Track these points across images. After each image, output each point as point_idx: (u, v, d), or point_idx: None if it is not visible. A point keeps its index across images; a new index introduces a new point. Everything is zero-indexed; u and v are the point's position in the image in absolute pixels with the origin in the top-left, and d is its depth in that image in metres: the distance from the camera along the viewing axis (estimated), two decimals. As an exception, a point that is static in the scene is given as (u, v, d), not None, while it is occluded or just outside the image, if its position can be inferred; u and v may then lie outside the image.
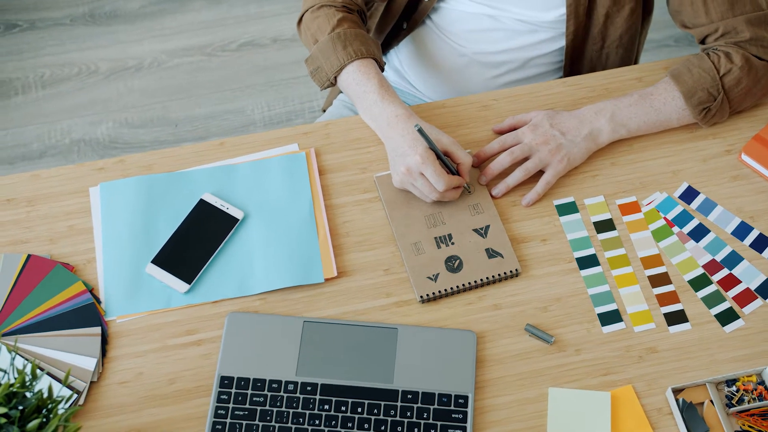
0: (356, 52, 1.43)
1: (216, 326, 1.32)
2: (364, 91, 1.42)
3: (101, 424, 1.25)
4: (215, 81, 2.63)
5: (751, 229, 1.38)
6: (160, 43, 2.70)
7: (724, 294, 1.33)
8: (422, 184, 1.35)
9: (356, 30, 1.45)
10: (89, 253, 1.37)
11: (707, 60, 1.44)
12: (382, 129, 1.41)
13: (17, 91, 2.61)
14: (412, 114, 1.39)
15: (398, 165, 1.36)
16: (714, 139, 1.47)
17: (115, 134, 2.53)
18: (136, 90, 2.61)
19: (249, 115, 2.57)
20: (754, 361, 1.28)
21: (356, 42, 1.44)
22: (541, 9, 1.52)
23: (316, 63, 1.47)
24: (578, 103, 1.50)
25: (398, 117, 1.38)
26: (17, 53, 2.68)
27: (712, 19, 1.45)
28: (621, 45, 1.59)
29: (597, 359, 1.29)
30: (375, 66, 1.44)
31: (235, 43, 2.70)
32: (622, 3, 1.51)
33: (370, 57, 1.44)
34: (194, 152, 1.47)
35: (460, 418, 1.24)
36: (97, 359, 1.28)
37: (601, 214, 1.40)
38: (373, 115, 1.42)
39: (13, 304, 1.32)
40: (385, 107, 1.40)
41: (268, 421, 1.24)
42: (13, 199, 1.42)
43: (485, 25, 1.56)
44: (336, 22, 1.46)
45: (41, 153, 2.50)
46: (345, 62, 1.43)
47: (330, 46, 1.44)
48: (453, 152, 1.37)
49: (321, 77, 1.47)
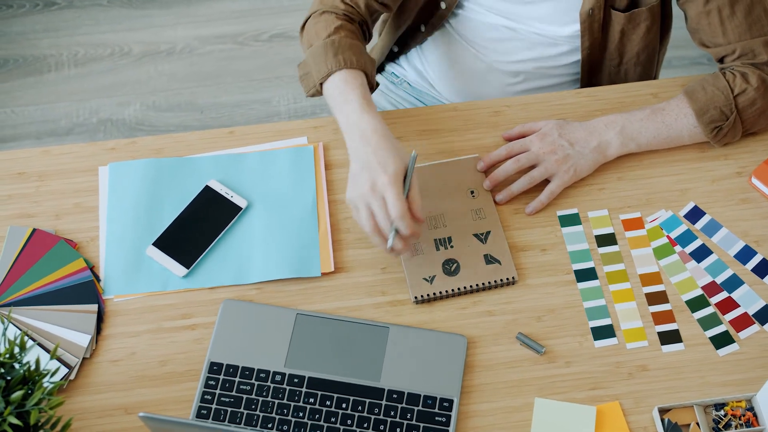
0: (346, 61, 1.36)
1: (211, 312, 1.33)
2: (345, 101, 1.34)
3: (90, 400, 1.27)
4: (244, 70, 2.65)
5: (755, 254, 1.36)
6: (194, 30, 2.72)
7: (721, 317, 1.32)
8: (379, 207, 1.25)
9: (351, 41, 1.40)
10: (93, 231, 1.39)
11: (722, 79, 1.42)
12: (354, 141, 1.31)
13: (50, 67, 2.65)
14: (389, 133, 1.31)
15: (362, 179, 1.27)
16: (725, 160, 1.45)
17: (142, 116, 2.56)
18: (166, 74, 2.64)
19: (275, 106, 2.59)
20: (745, 387, 1.26)
21: (348, 51, 1.37)
22: (558, 24, 1.51)
23: (306, 68, 1.41)
24: (591, 114, 1.49)
25: (375, 132, 1.29)
26: (54, 30, 2.73)
27: (730, 40, 1.44)
28: (639, 63, 1.58)
29: (586, 373, 1.28)
30: (362, 78, 1.37)
31: (267, 34, 2.72)
32: (637, 21, 1.50)
33: (360, 69, 1.37)
34: (204, 139, 1.48)
35: (443, 421, 1.24)
36: (91, 336, 1.30)
37: (603, 228, 1.39)
38: (349, 124, 1.32)
39: (15, 275, 1.34)
40: (362, 119, 1.31)
41: (252, 409, 1.25)
42: (25, 173, 1.44)
43: (504, 35, 1.56)
44: (333, 29, 1.41)
45: (68, 130, 2.53)
46: (333, 69, 1.36)
47: (321, 52, 1.38)
48: (414, 186, 1.28)
49: (308, 83, 1.41)
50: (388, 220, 1.25)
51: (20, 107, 2.58)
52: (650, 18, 1.50)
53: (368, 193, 1.25)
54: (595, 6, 1.46)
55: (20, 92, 2.60)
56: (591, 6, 1.46)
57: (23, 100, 2.59)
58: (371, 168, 1.26)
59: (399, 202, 1.23)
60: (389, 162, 1.26)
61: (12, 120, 2.56)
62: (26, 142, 2.51)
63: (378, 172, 1.25)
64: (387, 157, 1.26)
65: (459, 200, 1.40)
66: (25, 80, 2.63)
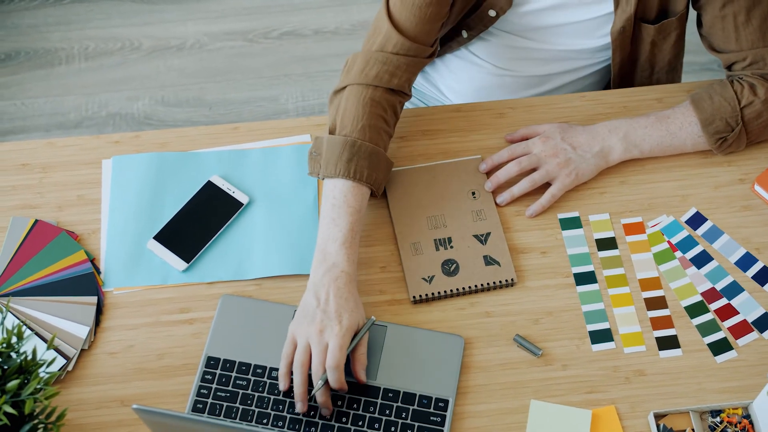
0: (357, 172, 1.31)
1: (209, 307, 1.34)
2: (333, 220, 1.29)
3: (87, 392, 1.27)
4: (254, 67, 2.65)
5: (756, 261, 1.36)
6: (204, 26, 2.73)
7: (720, 324, 1.32)
8: (320, 351, 1.21)
9: (373, 146, 1.33)
10: (95, 224, 1.40)
11: (730, 89, 1.42)
12: (319, 272, 1.27)
13: (61, 60, 2.66)
14: (355, 282, 1.27)
15: (314, 319, 1.23)
16: (728, 167, 1.45)
17: (151, 111, 2.57)
18: (176, 69, 2.65)
19: (283, 104, 2.59)
20: (742, 394, 1.26)
21: (364, 161, 1.32)
22: (586, 38, 1.50)
23: (319, 149, 1.35)
24: (594, 119, 1.49)
25: (344, 274, 1.26)
26: (65, 24, 2.74)
27: (742, 47, 1.43)
28: (670, 70, 1.57)
29: (583, 376, 1.28)
30: (365, 196, 1.32)
31: (277, 32, 2.72)
32: (667, 31, 1.49)
33: (368, 185, 1.32)
34: (208, 134, 1.48)
35: (438, 421, 1.24)
36: (89, 328, 1.31)
37: (604, 232, 1.39)
38: (326, 250, 1.28)
39: (16, 266, 1.35)
40: (339, 254, 1.27)
41: (248, 405, 1.26)
42: (28, 164, 1.45)
43: (524, 54, 1.54)
44: (367, 99, 1.35)
45: (77, 123, 2.54)
46: (340, 175, 1.31)
47: (339, 149, 1.32)
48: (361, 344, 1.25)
49: (314, 166, 1.35)
50: (322, 366, 1.21)
51: (30, 99, 2.59)
52: (679, 27, 1.49)
53: (315, 335, 1.22)
54: (626, 23, 1.45)
55: (30, 84, 2.62)
56: (622, 24, 1.45)
57: (33, 92, 2.61)
58: (327, 313, 1.23)
59: (340, 354, 1.20)
60: (345, 315, 1.23)
61: (22, 112, 2.57)
62: (35, 134, 2.52)
63: (332, 320, 1.22)
64: (345, 310, 1.23)
65: (460, 201, 1.41)
66: (35, 73, 2.64)
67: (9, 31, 2.72)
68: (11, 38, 2.71)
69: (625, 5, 1.42)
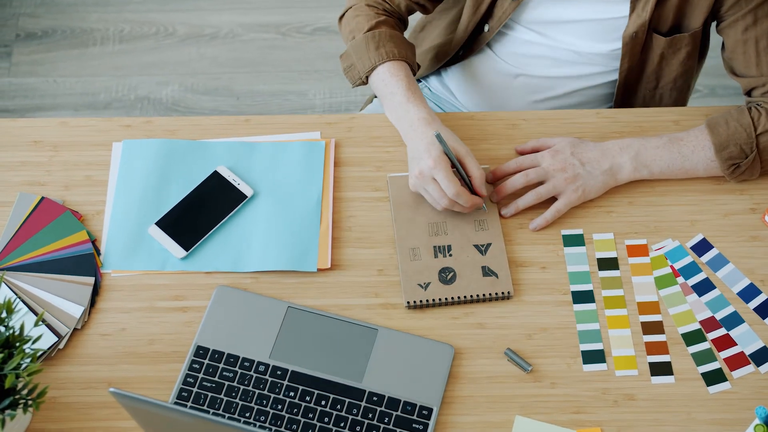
0: (389, 53, 1.44)
1: (204, 296, 1.34)
2: (391, 92, 1.42)
3: (76, 371, 1.28)
4: (284, 61, 2.66)
5: (759, 293, 1.33)
6: (239, 16, 2.74)
7: (716, 354, 1.29)
8: (433, 189, 1.34)
9: (392, 32, 1.46)
10: (99, 206, 1.41)
11: (747, 115, 1.39)
12: (404, 131, 1.41)
13: (95, 41, 2.68)
14: (435, 119, 1.38)
15: (413, 168, 1.36)
16: (740, 195, 1.42)
17: (179, 97, 2.59)
18: (208, 58, 2.66)
19: (310, 99, 2.59)
20: (731, 427, 1.24)
21: (390, 43, 1.44)
22: (597, 41, 1.49)
23: (350, 60, 1.48)
24: (608, 136, 1.47)
25: (420, 120, 1.38)
26: (103, 5, 2.76)
27: (762, 72, 1.41)
28: (675, 88, 1.55)
29: (571, 396, 1.26)
30: (406, 68, 1.44)
31: (310, 27, 2.72)
32: (678, 46, 1.47)
33: (402, 60, 1.44)
34: (220, 124, 1.49)
35: (420, 429, 1.23)
36: (84, 308, 1.32)
37: (606, 252, 1.37)
38: (398, 116, 1.42)
39: (19, 241, 1.37)
40: (409, 109, 1.40)
41: (233, 397, 1.26)
42: (40, 141, 1.47)
43: (537, 51, 1.54)
44: (374, 23, 1.47)
45: (106, 104, 2.57)
46: (376, 63, 1.44)
47: (363, 46, 1.45)
48: (466, 163, 1.35)
49: (353, 75, 1.48)
50: (444, 197, 1.33)
51: (62, 78, 2.62)
52: (691, 44, 1.48)
53: (419, 179, 1.34)
54: (640, 29, 1.44)
55: (64, 63, 2.64)
56: (635, 29, 1.44)
57: (66, 71, 2.63)
58: (418, 155, 1.34)
59: (450, 183, 1.31)
60: (433, 146, 1.33)
61: (53, 89, 2.60)
62: (64, 112, 2.54)
63: (423, 157, 1.33)
64: (431, 143, 1.34)
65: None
66: (70, 52, 2.67)
67: (49, 9, 2.75)
68: (50, 16, 2.74)
69: (641, 11, 1.41)
